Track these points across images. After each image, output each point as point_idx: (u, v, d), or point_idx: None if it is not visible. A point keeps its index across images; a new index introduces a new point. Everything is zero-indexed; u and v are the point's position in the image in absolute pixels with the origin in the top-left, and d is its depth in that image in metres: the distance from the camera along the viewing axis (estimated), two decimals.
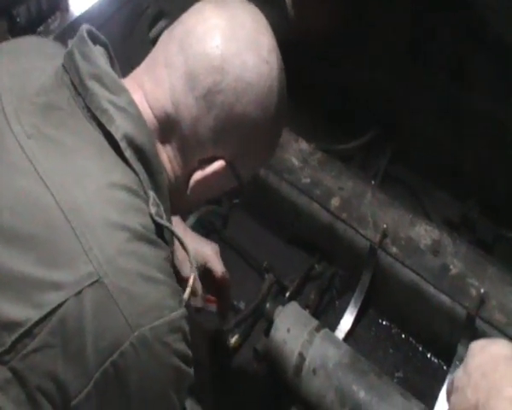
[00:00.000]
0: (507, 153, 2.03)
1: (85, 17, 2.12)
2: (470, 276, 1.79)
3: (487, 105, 2.07)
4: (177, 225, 1.49)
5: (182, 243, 1.01)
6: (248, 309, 1.82)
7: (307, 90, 2.37)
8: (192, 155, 1.07)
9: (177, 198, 1.11)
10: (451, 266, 1.81)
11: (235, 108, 1.02)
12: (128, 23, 2.31)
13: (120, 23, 2.27)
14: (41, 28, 2.06)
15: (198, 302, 1.55)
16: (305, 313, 1.75)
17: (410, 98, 2.33)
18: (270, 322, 1.71)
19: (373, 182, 2.24)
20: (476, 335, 1.67)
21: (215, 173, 1.07)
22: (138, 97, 1.03)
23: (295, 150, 2.11)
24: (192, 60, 1.02)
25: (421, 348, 1.88)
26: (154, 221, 0.96)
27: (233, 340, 1.79)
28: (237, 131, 1.05)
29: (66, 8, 2.11)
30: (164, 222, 0.97)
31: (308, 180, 2.02)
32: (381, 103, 2.37)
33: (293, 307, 1.74)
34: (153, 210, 0.96)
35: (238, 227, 2.11)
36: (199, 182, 1.08)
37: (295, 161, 2.07)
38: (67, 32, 2.07)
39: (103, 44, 1.10)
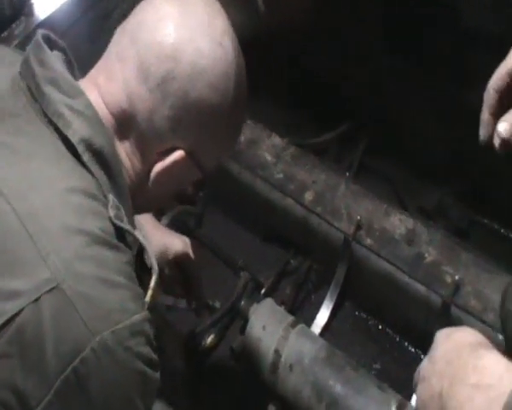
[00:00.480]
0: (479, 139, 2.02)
1: (50, 21, 2.09)
2: (445, 263, 1.78)
3: (464, 95, 2.07)
4: (148, 221, 1.48)
5: (142, 245, 0.98)
6: (224, 308, 1.80)
7: (280, 85, 2.37)
8: (151, 148, 1.05)
9: (140, 196, 1.09)
10: (426, 255, 1.80)
11: (191, 94, 1.01)
12: (95, 26, 2.29)
13: (87, 26, 2.25)
14: (5, 34, 2.02)
15: (169, 300, 1.53)
16: (281, 309, 1.74)
17: (384, 88, 2.32)
18: (246, 320, 1.70)
19: (347, 174, 2.22)
20: (451, 322, 1.67)
21: (175, 163, 1.05)
22: (94, 97, 1.02)
23: (268, 146, 2.09)
24: (144, 51, 1.00)
25: (398, 339, 1.87)
26: (114, 224, 0.94)
27: (209, 340, 1.78)
28: (195, 118, 1.03)
29: (30, 13, 2.08)
30: (123, 225, 0.95)
31: (281, 175, 2.01)
32: (354, 94, 2.36)
33: (269, 303, 1.72)
34: (112, 213, 0.94)
35: (212, 226, 2.10)
36: (160, 174, 1.06)
37: (268, 157, 2.06)
38: (32, 37, 2.05)
39: (61, 49, 1.08)
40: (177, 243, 1.50)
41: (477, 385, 0.73)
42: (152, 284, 0.96)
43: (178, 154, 1.05)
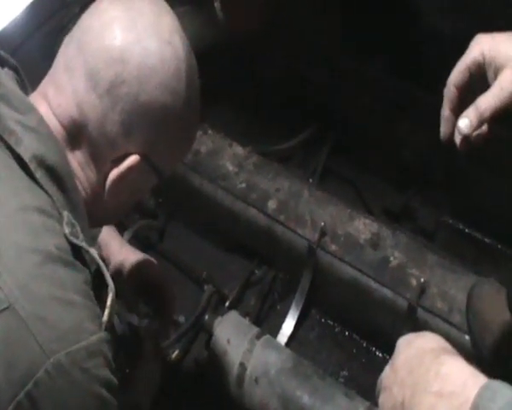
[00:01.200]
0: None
1: (1, 38, 2.05)
2: (410, 266, 1.76)
3: (427, 95, 2.06)
4: (113, 238, 1.46)
5: (98, 264, 0.94)
6: (188, 323, 1.77)
7: (240, 93, 2.35)
8: (105, 157, 1.02)
9: (98, 208, 1.06)
10: (391, 258, 1.78)
11: (141, 96, 0.98)
12: (49, 40, 2.25)
13: (41, 41, 2.21)
14: None
15: (133, 319, 1.49)
16: (245, 321, 1.71)
17: (345, 91, 2.32)
18: (210, 334, 1.66)
19: (311, 180, 2.20)
20: (418, 325, 1.65)
21: (130, 169, 1.02)
22: (44, 109, 0.99)
23: (230, 155, 2.07)
24: (91, 57, 0.97)
25: (365, 344, 1.85)
26: (70, 242, 0.90)
27: (174, 355, 1.74)
28: (146, 120, 1.00)
29: None
30: (78, 242, 0.91)
31: (244, 185, 1.98)
32: (316, 99, 2.35)
33: (233, 316, 1.69)
34: (67, 230, 0.90)
35: (175, 240, 2.07)
36: (115, 182, 1.03)
37: (230, 167, 2.04)
38: None
39: (12, 67, 1.05)
40: (132, 257, 1.47)
41: (440, 393, 0.70)
42: (109, 302, 0.92)
43: (133, 159, 1.02)
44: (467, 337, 1.61)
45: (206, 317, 1.73)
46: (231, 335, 1.63)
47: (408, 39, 2.18)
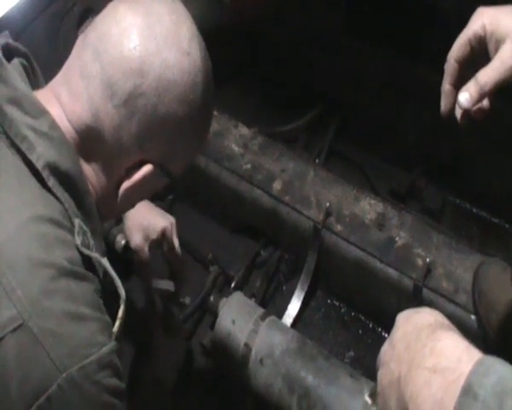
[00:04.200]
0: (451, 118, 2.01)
1: (6, 21, 2.04)
2: (416, 246, 1.76)
3: (432, 75, 2.04)
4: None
5: (111, 275, 0.94)
6: (193, 304, 1.76)
7: (245, 74, 2.34)
8: (118, 165, 1.01)
9: (108, 208, 1.06)
10: (397, 238, 1.78)
11: (159, 109, 0.96)
12: (53, 24, 2.24)
13: (45, 25, 2.20)
14: None
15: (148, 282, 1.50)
16: (250, 302, 1.70)
17: (351, 72, 2.30)
18: (216, 315, 1.66)
19: (317, 161, 2.19)
20: (424, 305, 1.62)
21: (144, 178, 1.01)
22: (56, 113, 0.97)
23: (235, 136, 2.06)
24: (109, 66, 0.95)
25: (371, 325, 1.85)
26: (81, 253, 0.91)
27: None
28: (163, 131, 0.99)
29: None
30: (90, 253, 0.91)
31: (249, 166, 1.98)
32: (322, 80, 2.34)
33: (238, 297, 1.69)
34: (78, 241, 0.90)
35: (181, 221, 2.03)
36: (128, 190, 1.02)
37: (235, 148, 2.03)
38: None
39: (22, 55, 1.04)
40: (162, 222, 1.47)
41: (434, 369, 0.69)
42: (120, 314, 0.93)
43: (147, 168, 1.00)
44: (472, 317, 1.61)
45: (212, 298, 1.73)
46: (236, 316, 1.62)
47: (412, 20, 2.16)
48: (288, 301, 1.84)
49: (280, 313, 1.79)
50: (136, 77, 0.94)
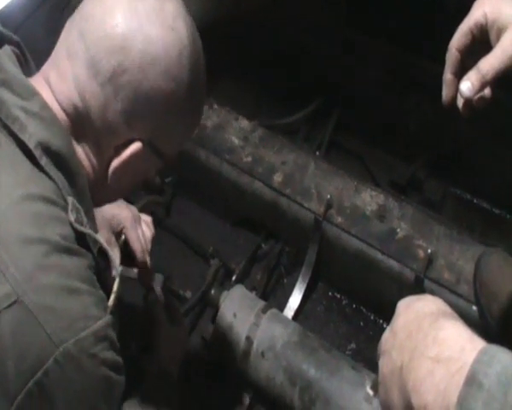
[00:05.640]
0: (452, 108, 2.00)
1: (5, 14, 2.04)
2: (417, 237, 1.75)
3: (433, 66, 2.04)
4: None
5: (105, 250, 0.96)
6: (194, 297, 1.76)
7: (245, 67, 2.34)
8: (107, 144, 1.01)
9: (101, 190, 1.06)
10: (398, 230, 1.77)
11: (143, 84, 0.96)
12: (53, 17, 2.23)
13: (43, 19, 2.19)
14: None
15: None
16: (251, 295, 1.70)
17: (350, 65, 2.30)
18: (217, 308, 1.66)
19: (317, 153, 2.19)
20: None
21: (133, 156, 1.01)
22: (46, 93, 0.97)
23: (235, 129, 2.06)
24: (92, 45, 0.95)
25: (372, 317, 1.85)
26: (75, 229, 0.91)
27: None
28: (149, 108, 0.98)
29: None
30: (84, 229, 0.92)
31: (250, 158, 1.97)
32: (322, 72, 2.33)
33: (239, 290, 1.69)
34: (72, 217, 0.91)
35: (181, 215, 2.06)
36: (118, 169, 1.02)
37: (236, 140, 2.03)
38: None
39: (14, 44, 1.04)
40: (122, 213, 1.46)
41: (437, 358, 0.69)
42: (115, 287, 0.94)
43: (135, 146, 1.00)
44: (474, 308, 1.61)
45: (213, 291, 1.72)
46: (238, 309, 1.62)
47: (412, 11, 2.15)
48: (289, 294, 1.84)
49: (281, 305, 1.78)
50: (119, 54, 0.94)
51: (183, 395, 1.58)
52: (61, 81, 0.98)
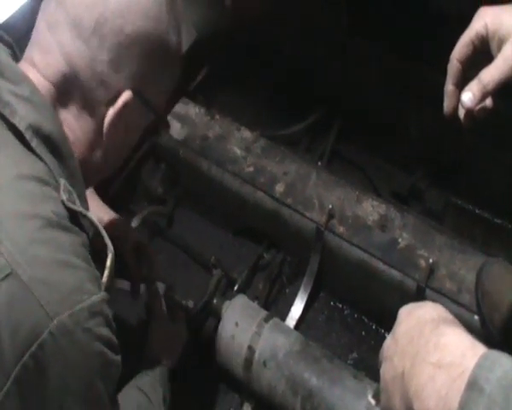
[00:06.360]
0: (454, 119, 2.01)
1: (8, 26, 2.05)
2: (419, 247, 1.76)
3: (433, 76, 2.04)
4: (92, 199, 1.46)
5: (95, 226, 0.96)
6: (197, 307, 1.76)
7: (248, 78, 2.34)
8: (99, 101, 1.04)
9: (95, 160, 1.09)
10: (400, 240, 1.78)
11: (125, 28, 1.00)
12: None
13: None
14: None
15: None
16: (253, 304, 1.70)
17: (351, 75, 2.30)
18: (219, 318, 1.66)
19: (319, 163, 2.19)
20: None
21: (126, 106, 1.05)
22: (33, 75, 1.00)
23: (237, 139, 2.07)
24: (72, 8, 0.99)
25: (374, 327, 1.85)
26: (67, 207, 0.92)
27: None
28: (133, 51, 1.02)
29: None
30: (76, 207, 0.94)
31: (252, 169, 1.98)
32: (323, 82, 2.34)
33: (241, 299, 1.69)
34: (64, 196, 0.93)
35: (183, 225, 2.07)
36: (113, 122, 1.05)
37: (238, 151, 2.03)
38: None
39: (7, 44, 1.06)
40: (103, 218, 1.49)
41: (438, 364, 0.69)
42: (108, 263, 0.94)
43: (126, 95, 1.04)
44: (476, 317, 1.61)
45: (215, 301, 1.72)
46: (240, 318, 1.62)
47: (413, 19, 2.16)
48: (291, 304, 1.84)
49: (283, 315, 1.78)
50: (99, 6, 0.99)
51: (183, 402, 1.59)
52: (45, 55, 1.01)
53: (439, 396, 0.66)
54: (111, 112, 1.05)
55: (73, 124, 1.04)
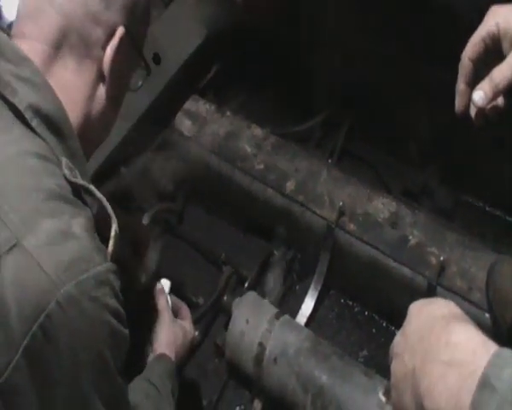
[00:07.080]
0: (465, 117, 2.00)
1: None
2: (430, 245, 1.75)
3: (444, 74, 2.04)
4: None
5: (100, 201, 0.97)
6: (207, 304, 1.77)
7: (259, 75, 2.34)
8: (94, 43, 1.06)
9: (96, 115, 1.10)
10: (410, 237, 1.77)
11: None
12: None
13: None
14: None
15: None
16: (264, 301, 1.70)
17: (362, 73, 2.29)
18: (229, 315, 1.66)
19: (329, 160, 2.19)
20: None
21: (121, 41, 1.07)
22: (25, 45, 1.01)
23: (248, 137, 2.07)
24: None
25: (384, 324, 1.85)
26: (70, 182, 0.93)
27: None
28: None
29: None
30: (79, 181, 0.94)
31: (262, 166, 1.98)
32: (334, 80, 2.33)
33: (251, 296, 1.69)
34: (66, 172, 0.93)
35: (193, 222, 2.07)
36: (113, 60, 1.08)
37: (248, 148, 2.03)
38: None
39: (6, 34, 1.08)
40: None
41: (449, 362, 0.69)
42: (112, 232, 0.95)
43: (120, 30, 1.07)
44: (487, 315, 1.60)
45: (225, 298, 1.73)
46: (250, 315, 1.63)
47: (422, 18, 2.15)
48: (301, 301, 1.84)
49: (293, 312, 1.78)
50: None
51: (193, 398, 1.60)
52: (37, 21, 1.03)
53: (451, 395, 0.66)
54: (109, 51, 1.07)
55: (72, 81, 1.05)
